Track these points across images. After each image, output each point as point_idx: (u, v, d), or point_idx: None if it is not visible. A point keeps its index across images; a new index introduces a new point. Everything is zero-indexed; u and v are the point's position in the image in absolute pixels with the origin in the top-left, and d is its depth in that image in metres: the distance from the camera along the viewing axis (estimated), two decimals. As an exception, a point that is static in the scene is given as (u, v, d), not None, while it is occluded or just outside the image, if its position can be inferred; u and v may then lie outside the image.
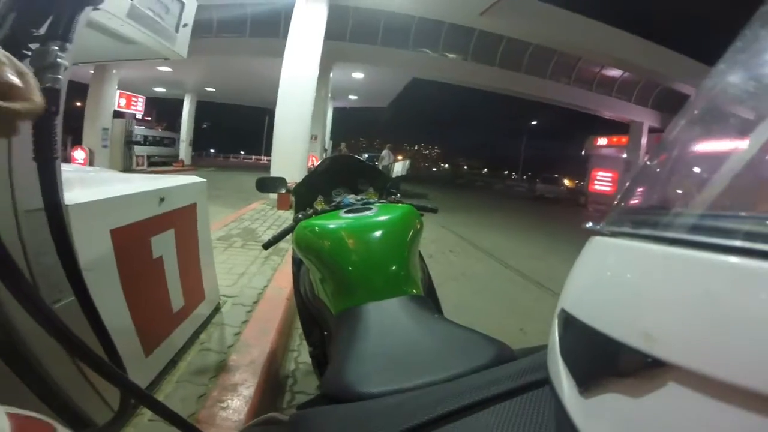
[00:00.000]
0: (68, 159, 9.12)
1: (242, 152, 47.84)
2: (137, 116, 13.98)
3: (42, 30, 0.56)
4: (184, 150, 16.57)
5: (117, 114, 11.76)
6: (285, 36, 6.69)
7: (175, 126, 17.23)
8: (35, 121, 0.53)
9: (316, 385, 1.41)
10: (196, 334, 1.64)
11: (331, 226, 0.88)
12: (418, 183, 19.23)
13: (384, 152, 11.88)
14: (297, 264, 1.20)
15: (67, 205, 0.86)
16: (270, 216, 4.87)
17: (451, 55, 12.49)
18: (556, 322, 0.33)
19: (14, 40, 0.52)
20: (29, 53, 0.54)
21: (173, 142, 16.23)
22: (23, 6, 0.50)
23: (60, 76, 0.56)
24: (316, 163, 1.43)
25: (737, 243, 0.19)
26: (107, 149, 10.65)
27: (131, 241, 1.15)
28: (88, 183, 1.16)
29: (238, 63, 11.95)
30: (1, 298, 0.62)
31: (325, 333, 1.00)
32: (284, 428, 0.41)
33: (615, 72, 14.44)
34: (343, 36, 10.82)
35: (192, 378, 1.37)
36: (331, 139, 15.84)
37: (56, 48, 0.55)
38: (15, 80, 0.36)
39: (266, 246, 1.11)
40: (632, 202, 0.35)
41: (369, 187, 1.27)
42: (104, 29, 2.10)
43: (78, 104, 11.88)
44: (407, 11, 10.37)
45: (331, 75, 11.21)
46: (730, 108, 0.30)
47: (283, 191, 1.31)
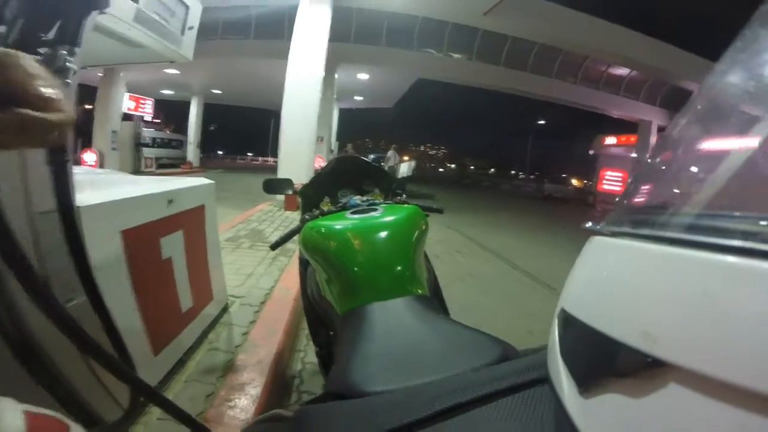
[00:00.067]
0: (78, 161, 9.24)
1: (249, 154, 48.20)
2: (146, 118, 14.08)
3: (51, 34, 0.57)
4: (192, 152, 16.67)
5: (126, 117, 11.85)
6: (289, 38, 6.70)
7: (183, 128, 17.36)
8: None
9: (322, 385, 1.42)
10: (205, 334, 1.65)
11: (337, 227, 0.88)
12: (425, 183, 19.21)
13: (389, 153, 11.91)
14: (304, 265, 1.20)
15: (79, 207, 0.87)
16: (277, 217, 4.90)
17: (456, 55, 12.46)
18: (556, 322, 0.33)
19: (24, 45, 0.53)
20: (39, 57, 0.56)
21: (181, 144, 16.33)
22: (32, 11, 0.51)
23: (69, 80, 0.57)
24: (323, 165, 1.43)
25: (737, 243, 0.19)
26: (117, 152, 10.74)
27: (141, 242, 1.16)
28: (99, 185, 1.17)
29: (244, 65, 12.04)
30: (16, 298, 0.63)
31: (331, 333, 1.00)
32: (289, 424, 0.42)
33: (622, 70, 14.30)
34: (348, 37, 10.84)
35: (200, 377, 1.38)
36: (338, 141, 15.88)
37: (65, 52, 0.56)
38: (50, 92, 0.36)
39: (273, 247, 1.12)
40: (632, 202, 0.35)
41: (374, 188, 1.27)
42: (112, 33, 2.14)
43: (87, 107, 12.04)
44: (410, 11, 10.38)
45: (336, 76, 11.24)
46: (730, 108, 0.30)
47: (290, 192, 1.31)
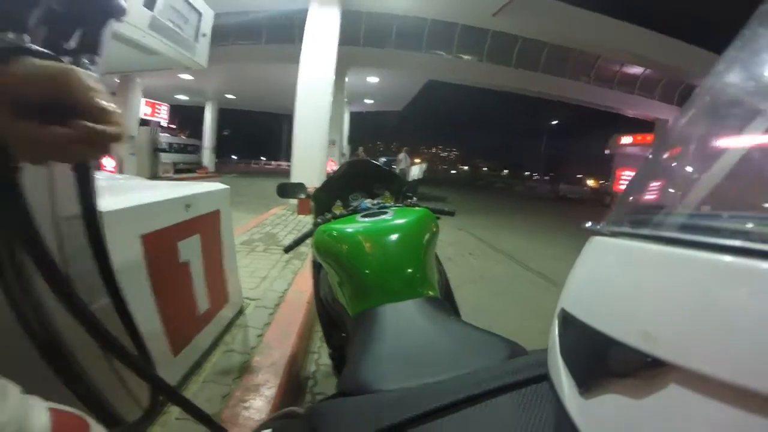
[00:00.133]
0: (98, 167, 9.43)
1: (263, 158, 48.79)
2: (161, 124, 14.31)
3: (72, 43, 0.60)
4: (208, 157, 16.95)
5: (142, 122, 12.06)
6: (300, 42, 6.76)
7: (198, 133, 17.69)
8: None
9: (335, 386, 1.43)
10: (221, 336, 1.68)
11: (349, 231, 0.89)
12: (437, 186, 19.15)
13: (401, 155, 11.88)
14: (317, 268, 1.22)
15: (102, 212, 0.90)
16: (291, 221, 4.95)
17: (466, 57, 12.35)
18: (556, 322, 0.33)
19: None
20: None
21: (197, 149, 16.59)
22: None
23: None
24: (335, 168, 1.45)
25: (736, 243, 0.19)
26: (134, 157, 10.89)
27: (160, 246, 1.19)
28: (119, 190, 1.21)
29: (256, 70, 12.19)
30: (43, 299, 0.65)
31: (344, 335, 1.01)
32: (301, 420, 0.43)
33: (636, 69, 13.99)
34: (357, 41, 10.86)
35: (217, 378, 1.41)
36: (349, 144, 15.96)
37: (87, 61, 0.58)
38: (107, 105, 0.37)
39: (287, 250, 1.13)
40: (632, 202, 0.35)
41: (385, 192, 1.28)
42: (128, 41, 2.20)
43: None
44: (418, 14, 10.30)
45: (347, 80, 11.29)
46: (729, 108, 0.30)
47: (303, 196, 1.33)
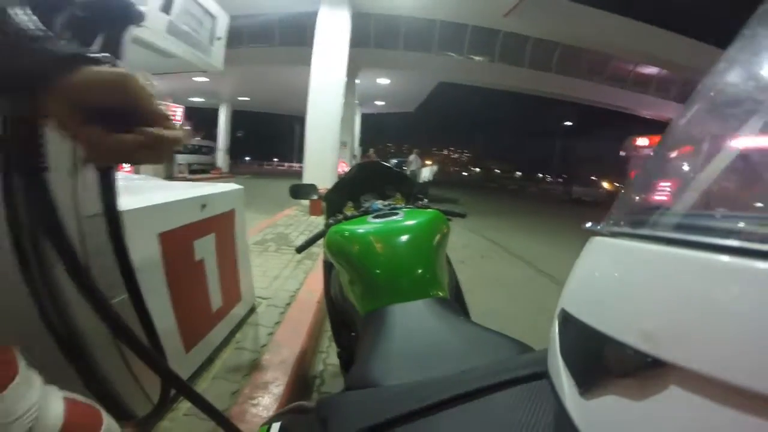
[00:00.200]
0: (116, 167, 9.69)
1: (275, 159, 49.34)
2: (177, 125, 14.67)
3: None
4: (221, 158, 17.21)
5: (157, 124, 12.37)
6: (312, 44, 6.80)
7: (212, 135, 17.99)
8: None
9: (343, 384, 1.45)
10: (233, 333, 1.71)
11: (360, 231, 0.90)
12: (449, 188, 19.03)
13: (411, 157, 11.86)
14: (328, 268, 1.23)
15: (121, 211, 0.93)
16: (302, 222, 5.00)
17: (478, 58, 12.24)
18: (557, 322, 0.33)
19: None
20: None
21: (211, 151, 16.82)
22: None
23: None
24: (346, 170, 1.46)
25: (736, 243, 0.19)
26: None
27: (177, 245, 1.23)
28: (137, 190, 1.25)
29: (269, 72, 12.31)
30: (61, 293, 0.68)
31: (353, 334, 1.02)
32: (310, 414, 0.44)
33: (651, 69, 13.70)
34: (367, 42, 10.87)
35: (227, 375, 1.43)
36: (360, 146, 16.02)
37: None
38: (164, 110, 0.38)
39: (299, 250, 1.15)
40: (632, 202, 0.35)
41: (396, 193, 1.29)
42: (147, 45, 2.27)
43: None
44: (428, 15, 10.22)
45: (358, 81, 11.32)
46: (730, 108, 0.30)
47: (315, 197, 1.35)
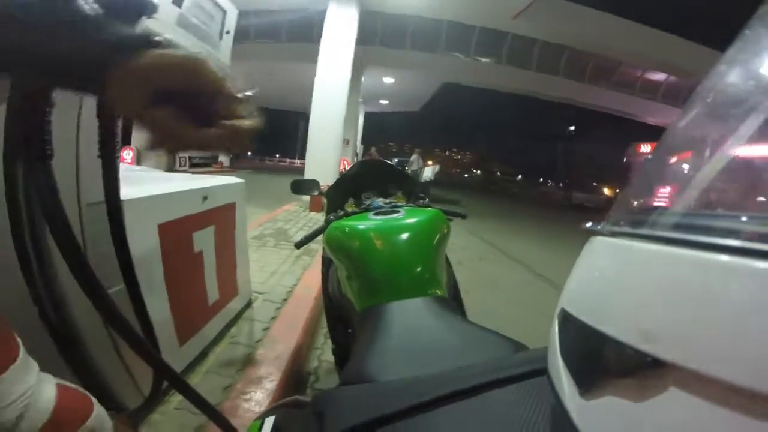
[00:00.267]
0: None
1: (277, 155, 49.40)
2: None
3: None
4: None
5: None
6: (319, 41, 6.81)
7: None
8: (101, 122, 0.59)
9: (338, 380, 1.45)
10: (228, 327, 1.71)
11: (360, 227, 0.90)
12: (451, 189, 19.04)
13: (413, 156, 11.84)
14: (326, 264, 1.23)
15: (122, 200, 0.93)
16: (302, 217, 5.00)
17: (484, 59, 12.19)
18: (556, 322, 0.33)
19: None
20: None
21: (213, 144, 16.90)
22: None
23: None
24: (348, 167, 1.47)
25: (736, 242, 0.19)
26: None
27: (176, 236, 1.22)
28: (138, 180, 1.24)
29: (275, 68, 12.30)
30: (58, 284, 0.67)
31: (349, 331, 1.02)
32: (305, 408, 0.44)
33: (659, 75, 13.67)
34: (374, 41, 10.85)
35: (219, 369, 1.42)
36: (363, 144, 16.02)
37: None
38: (238, 92, 0.35)
39: (298, 245, 1.15)
40: (632, 202, 0.35)
41: (397, 191, 1.29)
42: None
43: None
44: (435, 16, 10.16)
45: (363, 79, 11.32)
46: (729, 109, 0.30)
47: (316, 193, 1.35)
